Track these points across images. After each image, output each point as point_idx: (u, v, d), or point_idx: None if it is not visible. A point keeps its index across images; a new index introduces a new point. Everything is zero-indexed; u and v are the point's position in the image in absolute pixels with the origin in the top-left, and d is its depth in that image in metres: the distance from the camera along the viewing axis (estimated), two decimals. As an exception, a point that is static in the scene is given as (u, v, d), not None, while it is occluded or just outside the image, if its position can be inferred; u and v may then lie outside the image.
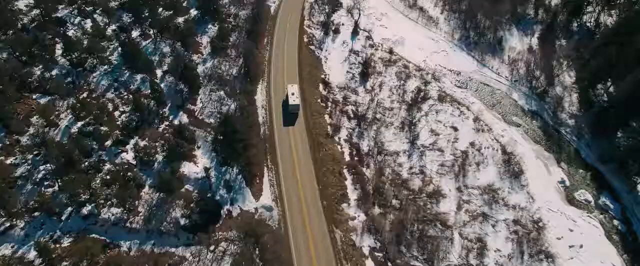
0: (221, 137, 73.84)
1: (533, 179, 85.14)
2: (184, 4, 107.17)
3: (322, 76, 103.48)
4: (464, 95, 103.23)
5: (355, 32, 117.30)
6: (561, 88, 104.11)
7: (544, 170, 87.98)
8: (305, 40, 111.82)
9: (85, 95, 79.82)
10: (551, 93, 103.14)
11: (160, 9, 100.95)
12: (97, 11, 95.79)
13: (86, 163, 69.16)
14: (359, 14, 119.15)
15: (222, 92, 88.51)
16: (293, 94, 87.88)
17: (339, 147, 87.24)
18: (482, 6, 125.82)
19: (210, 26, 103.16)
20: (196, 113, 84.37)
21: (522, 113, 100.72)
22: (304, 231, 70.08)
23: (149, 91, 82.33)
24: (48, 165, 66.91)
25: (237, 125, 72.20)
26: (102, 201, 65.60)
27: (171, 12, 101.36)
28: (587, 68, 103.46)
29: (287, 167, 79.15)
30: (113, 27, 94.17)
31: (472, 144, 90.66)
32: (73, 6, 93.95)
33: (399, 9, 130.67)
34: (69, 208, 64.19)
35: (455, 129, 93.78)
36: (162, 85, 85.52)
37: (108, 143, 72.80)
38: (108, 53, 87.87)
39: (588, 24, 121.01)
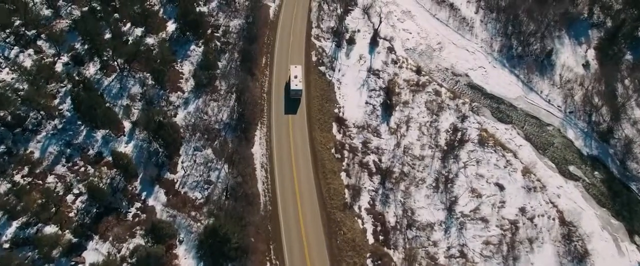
0: (209, 240, 55.36)
1: (601, 262, 68.43)
2: (160, 14, 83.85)
3: (336, 110, 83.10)
4: (509, 134, 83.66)
5: (374, 42, 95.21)
6: (630, 125, 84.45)
7: (614, 247, 70.57)
8: (314, 58, 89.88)
9: (26, 171, 59.73)
10: (617, 133, 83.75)
11: (129, 25, 77.89)
12: (42, 36, 72.37)
13: (26, 289, 51.10)
14: (380, 20, 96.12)
15: (209, 150, 68.71)
16: (296, 77, 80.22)
17: (359, 222, 69.05)
18: (524, 3, 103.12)
19: (193, 47, 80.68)
20: (177, 186, 65.08)
21: (580, 160, 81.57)
22: None
23: (112, 158, 62.46)
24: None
25: (230, 231, 53.38)
26: None
27: (142, 29, 78.28)
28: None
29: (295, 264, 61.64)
30: (64, 58, 71.57)
31: (522, 210, 72.79)
32: (7, 31, 70.32)
33: (425, 6, 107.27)
34: None
35: (501, 188, 75.43)
36: (130, 146, 65.59)
37: (56, 252, 53.97)
38: (58, 100, 66.55)
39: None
